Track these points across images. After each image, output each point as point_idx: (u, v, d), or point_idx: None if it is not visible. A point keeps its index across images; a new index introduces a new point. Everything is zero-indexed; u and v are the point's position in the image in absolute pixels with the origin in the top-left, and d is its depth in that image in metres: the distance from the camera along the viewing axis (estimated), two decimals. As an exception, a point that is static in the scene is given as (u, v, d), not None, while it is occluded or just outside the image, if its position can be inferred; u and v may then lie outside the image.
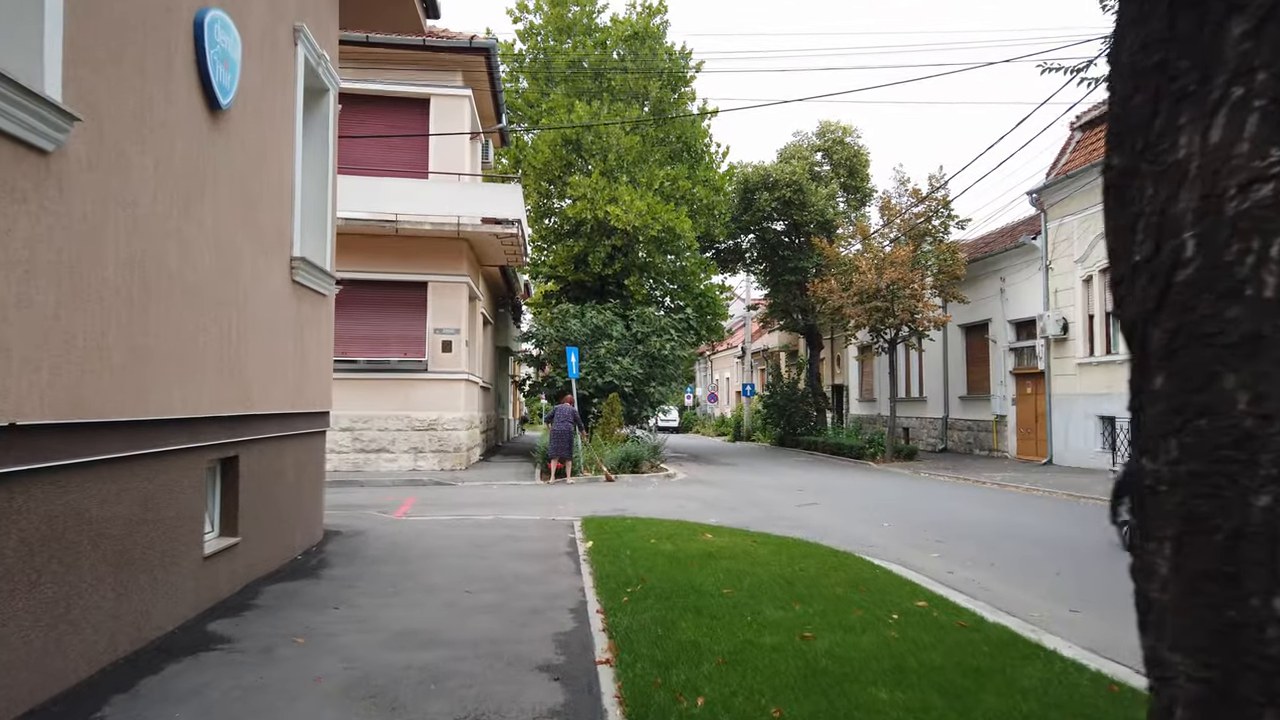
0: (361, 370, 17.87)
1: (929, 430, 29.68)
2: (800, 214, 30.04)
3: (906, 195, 25.66)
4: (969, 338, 27.48)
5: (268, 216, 6.52)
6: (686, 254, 26.51)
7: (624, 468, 18.16)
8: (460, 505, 12.49)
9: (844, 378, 38.17)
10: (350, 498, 13.35)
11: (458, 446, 18.02)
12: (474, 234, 17.71)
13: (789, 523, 10.82)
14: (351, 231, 17.25)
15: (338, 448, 17.54)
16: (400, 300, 18.12)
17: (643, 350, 23.29)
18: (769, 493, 14.93)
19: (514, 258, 20.34)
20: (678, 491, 14.91)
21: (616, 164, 24.91)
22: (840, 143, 32.03)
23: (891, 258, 24.04)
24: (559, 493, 14.63)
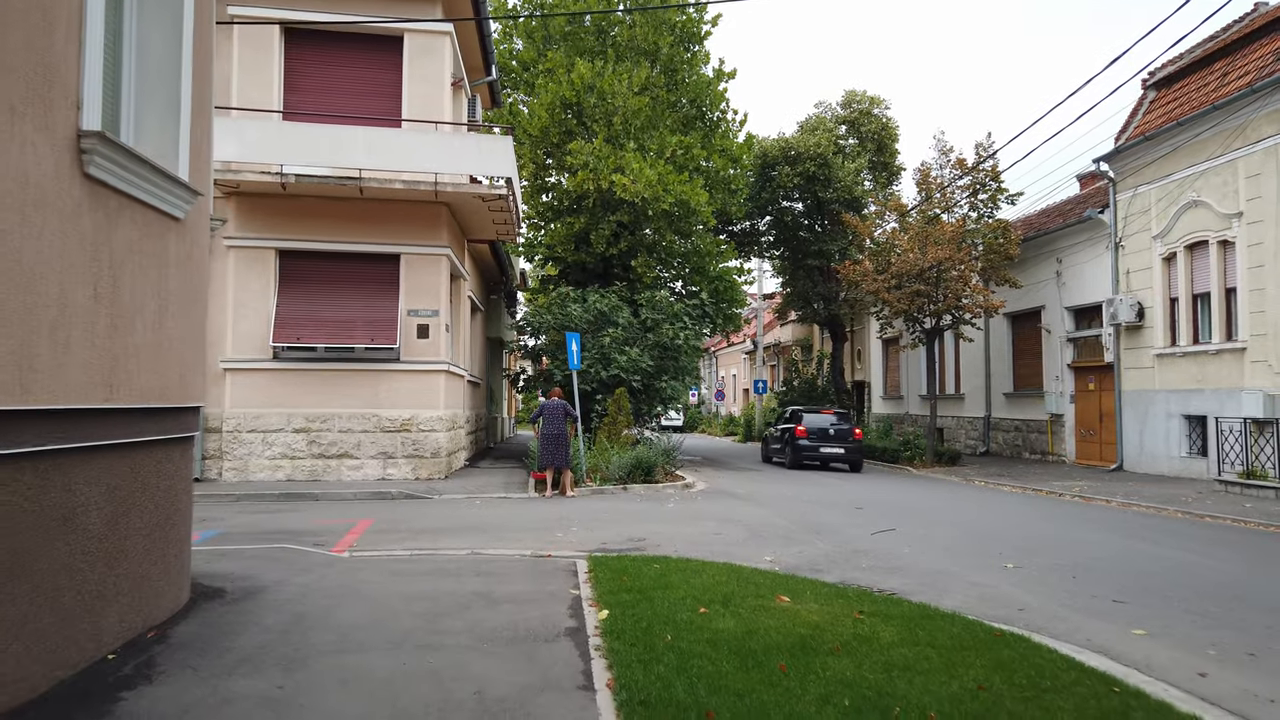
0: (320, 359, 14.91)
1: (968, 431, 26.76)
2: (825, 191, 27.08)
3: (949, 166, 22.70)
4: (1016, 328, 24.54)
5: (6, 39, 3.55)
6: (699, 230, 23.53)
7: (635, 476, 15.20)
8: (428, 531, 9.53)
9: (865, 373, 35.23)
10: (287, 520, 10.38)
11: (436, 451, 15.06)
12: (455, 195, 14.74)
13: (875, 563, 7.88)
14: (307, 193, 14.32)
15: (291, 453, 14.59)
16: (367, 276, 15.16)
17: (653, 339, 20.33)
18: (821, 511, 11.98)
19: (505, 230, 17.37)
20: (707, 510, 11.96)
21: (623, 129, 21.91)
22: (867, 114, 29.10)
23: (937, 233, 21.12)
24: (557, 511, 11.69)
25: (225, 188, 14.22)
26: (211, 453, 14.74)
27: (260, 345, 14.60)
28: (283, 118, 14.54)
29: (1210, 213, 17.07)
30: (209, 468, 14.72)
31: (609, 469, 15.10)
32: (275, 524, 10.08)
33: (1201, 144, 17.20)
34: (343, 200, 14.83)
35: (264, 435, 14.58)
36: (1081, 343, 21.74)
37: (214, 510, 11.53)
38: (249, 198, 14.64)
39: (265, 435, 14.58)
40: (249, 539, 8.81)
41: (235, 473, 14.48)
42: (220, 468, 14.61)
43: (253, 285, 14.67)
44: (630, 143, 21.65)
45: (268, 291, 14.72)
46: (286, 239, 14.76)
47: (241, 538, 8.91)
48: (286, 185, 13.93)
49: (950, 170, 22.73)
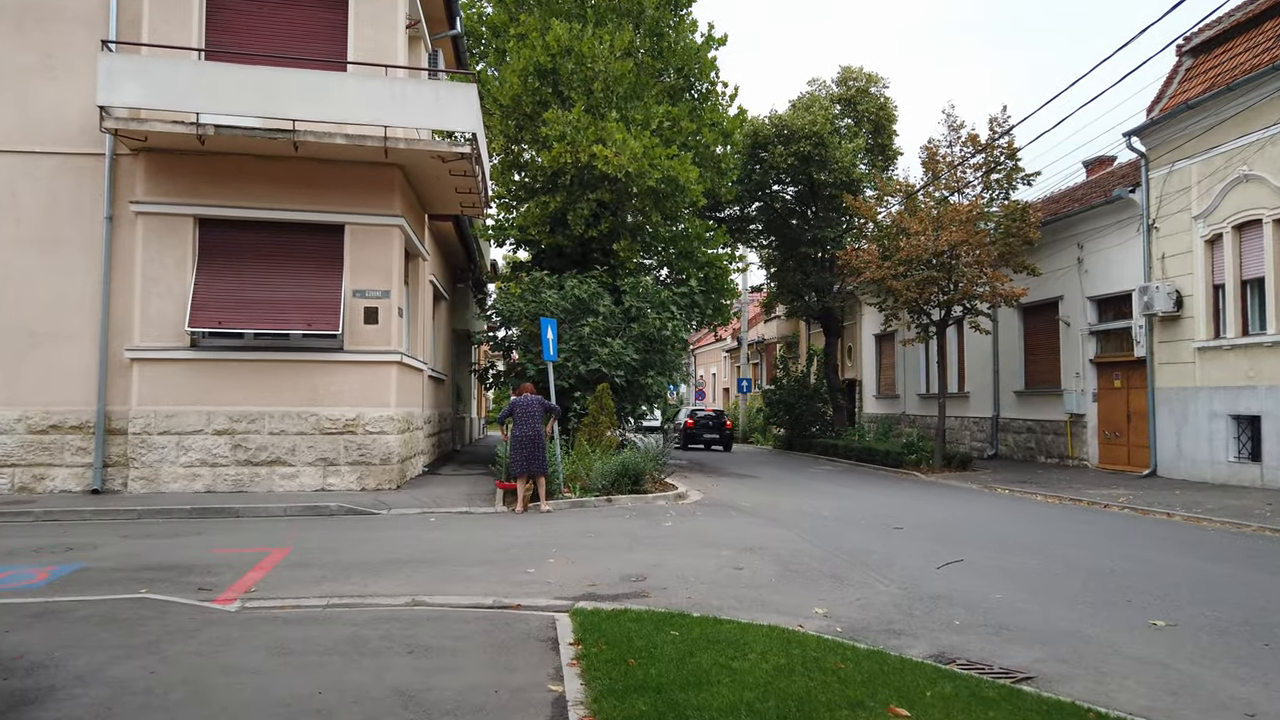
0: (247, 348, 12.56)
1: (973, 432, 24.83)
2: (820, 173, 25.02)
3: (959, 144, 20.73)
4: (1029, 320, 22.62)
5: None
6: (687, 212, 21.36)
7: (621, 485, 13.00)
8: (361, 566, 7.27)
9: (856, 371, 33.26)
10: (181, 548, 8.08)
11: (386, 457, 12.77)
12: (409, 154, 12.46)
13: (970, 617, 5.75)
14: (231, 149, 12.03)
15: (212, 459, 12.24)
16: (305, 250, 12.83)
17: (637, 330, 18.14)
18: (851, 531, 9.83)
19: (471, 202, 15.10)
20: (714, 530, 9.76)
21: (604, 97, 19.70)
22: (864, 92, 27.08)
23: (952, 214, 19.13)
24: (530, 531, 9.47)
25: (131, 141, 11.84)
26: (114, 459, 12.34)
27: (175, 331, 12.24)
28: (203, 57, 12.20)
29: (1266, 188, 15.18)
30: (111, 477, 12.33)
31: (591, 477, 12.90)
32: (162, 554, 7.76)
33: (1255, 111, 15.31)
34: (275, 160, 12.49)
35: (179, 438, 12.21)
36: (1106, 336, 19.85)
37: (97, 534, 9.18)
38: (161, 156, 12.26)
39: (180, 438, 12.21)
40: (111, 580, 6.52)
41: (143, 483, 12.10)
42: (125, 477, 12.22)
43: (166, 259, 12.29)
44: (613, 112, 19.45)
45: (184, 267, 12.35)
46: (207, 205, 12.40)
47: (101, 578, 6.61)
48: (205, 138, 11.58)
49: (961, 148, 20.77)
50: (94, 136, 12.27)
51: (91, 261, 12.35)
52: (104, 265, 12.29)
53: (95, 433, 12.21)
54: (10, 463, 12.09)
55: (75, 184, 12.40)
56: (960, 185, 20.66)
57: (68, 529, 9.67)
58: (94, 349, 12.28)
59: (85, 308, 12.33)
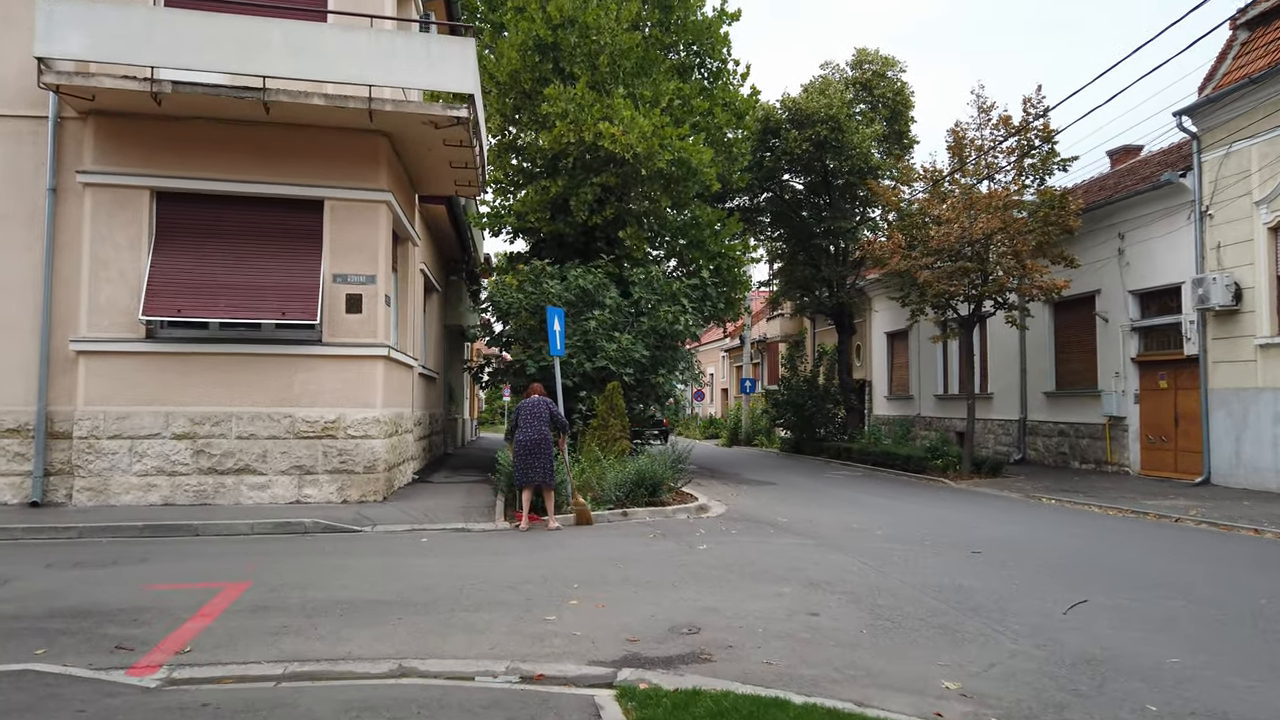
0: (212, 340, 11.00)
1: (998, 435, 23.40)
2: (836, 160, 23.57)
3: (989, 126, 19.28)
4: (1061, 316, 21.23)
5: None
6: (697, 199, 19.86)
7: (637, 497, 11.48)
8: (333, 609, 5.73)
9: (866, 371, 31.81)
10: (111, 583, 6.52)
11: (371, 464, 11.21)
12: (397, 119, 10.91)
13: (1159, 693, 4.24)
14: (193, 111, 10.50)
15: (171, 466, 10.66)
16: (278, 228, 11.27)
17: (647, 324, 16.63)
18: (922, 556, 8.31)
19: (466, 179, 13.56)
20: (760, 557, 8.22)
21: (610, 72, 18.20)
22: (881, 76, 25.63)
23: (986, 200, 17.71)
24: (542, 559, 7.94)
25: (76, 100, 10.26)
26: (57, 467, 10.74)
27: (128, 320, 10.66)
28: (160, 3, 10.64)
29: (1343, 168, 13.79)
30: (53, 487, 10.73)
31: (603, 487, 11.37)
32: (87, 592, 6.20)
33: (1331, 84, 13.92)
34: (244, 125, 10.93)
35: (132, 443, 10.62)
36: (1149, 332, 18.44)
37: (17, 561, 7.60)
38: (113, 119, 10.68)
39: (134, 443, 10.63)
40: (2, 635, 4.96)
41: (90, 494, 10.51)
42: (70, 488, 10.63)
43: (118, 238, 10.71)
44: (619, 88, 17.96)
45: (139, 247, 10.77)
46: (166, 175, 10.82)
47: (-10, 633, 5.05)
48: (161, 96, 10.00)
49: (991, 131, 19.32)
50: (35, 97, 10.68)
51: (32, 240, 10.76)
52: (46, 244, 10.69)
53: (35, 436, 10.62)
54: (-65, 471, 10.49)
55: (13, 151, 10.81)
56: (992, 171, 19.22)
57: (-13, 553, 8.10)
58: (34, 340, 10.68)
59: (24, 293, 10.74)
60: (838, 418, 27.84)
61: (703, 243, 19.96)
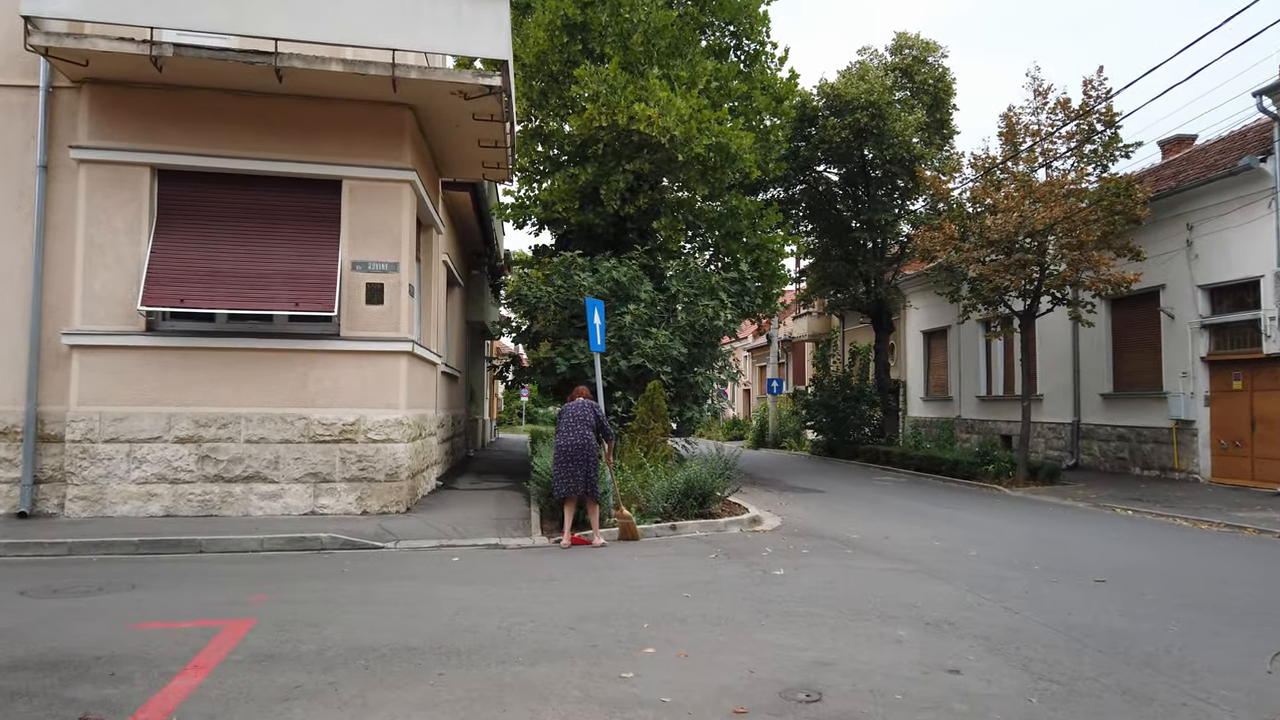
0: (218, 333, 9.96)
1: (1048, 439, 22.14)
2: (878, 148, 22.39)
3: (1046, 110, 18.06)
4: (1119, 313, 19.97)
5: None
6: (732, 189, 18.72)
7: (686, 508, 10.36)
8: (351, 662, 4.64)
9: (900, 371, 30.56)
10: (88, 622, 5.45)
11: (394, 471, 10.13)
12: (423, 88, 9.83)
13: None
14: (198, 80, 9.45)
15: (174, 474, 9.62)
16: (291, 211, 10.22)
17: (684, 319, 15.52)
18: (1039, 585, 7.12)
19: (495, 161, 12.48)
20: (850, 585, 7.04)
21: (644, 52, 17.11)
22: (921, 61, 24.41)
23: (1047, 188, 16.52)
24: (597, 590, 6.83)
25: (69, 65, 9.23)
26: (49, 474, 9.71)
27: (126, 311, 9.63)
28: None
29: None
30: (44, 496, 9.70)
31: (649, 497, 10.26)
32: (61, 631, 5.14)
33: None
34: (254, 96, 9.88)
35: (131, 447, 9.59)
36: (1222, 330, 17.17)
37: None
38: (110, 89, 9.65)
39: (133, 447, 9.59)
40: None
41: (85, 504, 9.48)
42: (63, 496, 9.60)
43: (115, 220, 9.68)
44: (654, 69, 16.85)
45: (138, 230, 9.73)
46: (168, 151, 9.78)
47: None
48: (162, 61, 8.96)
49: (1048, 115, 18.10)
50: (24, 64, 9.67)
51: (20, 222, 9.74)
52: (36, 227, 9.67)
53: (24, 440, 9.60)
54: (-86, 478, 9.48)
55: (1, 124, 9.79)
56: (1050, 158, 18.02)
57: (-42, 575, 7.07)
58: (23, 333, 9.66)
59: (12, 281, 9.72)
60: (873, 420, 26.66)
61: (740, 234, 18.82)
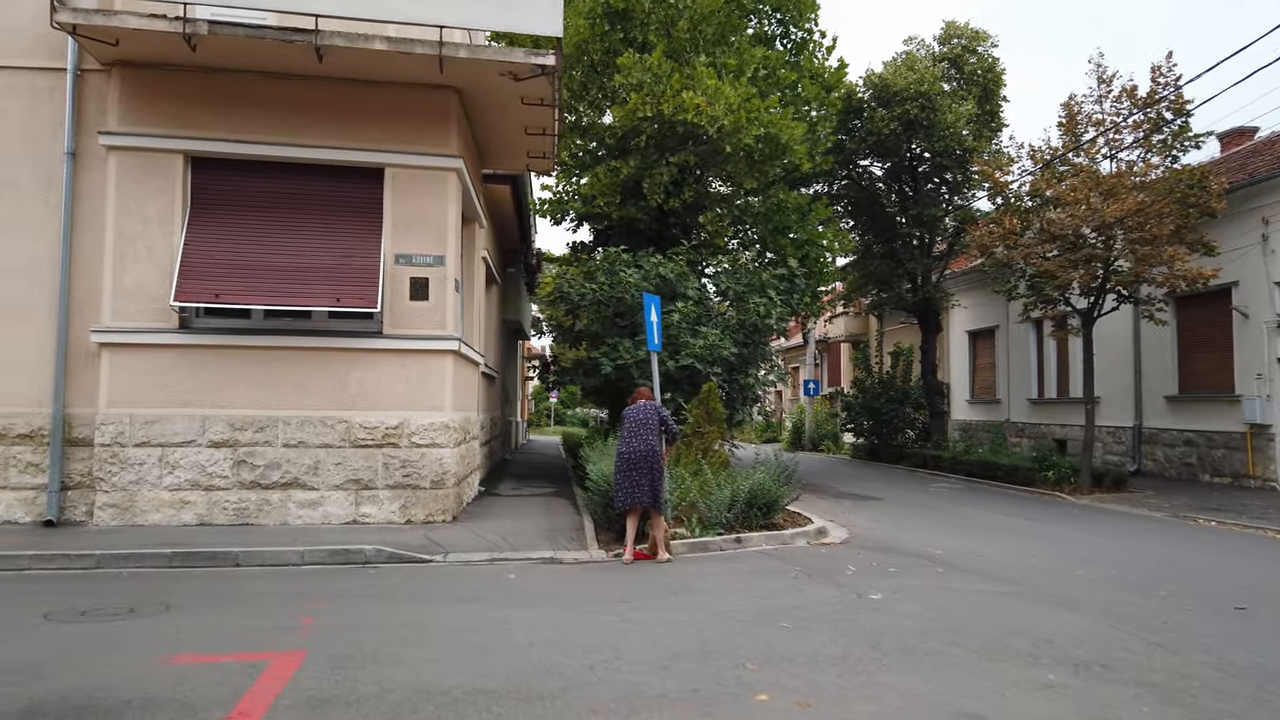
0: (254, 331, 9.37)
1: (1108, 444, 21.18)
2: (927, 141, 21.56)
3: (1110, 99, 17.16)
4: (1186, 311, 19.00)
5: None
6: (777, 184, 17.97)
7: (751, 519, 9.65)
8: (421, 709, 3.98)
9: (944, 372, 29.61)
10: (114, 654, 4.82)
11: (440, 478, 9.50)
12: (471, 68, 9.19)
13: None
14: (233, 61, 8.87)
15: (208, 479, 9.04)
16: (330, 201, 9.62)
17: (735, 318, 14.81)
18: (1171, 612, 6.29)
19: (541, 147, 11.83)
20: (964, 613, 6.23)
21: (689, 39, 16.43)
22: (970, 51, 23.54)
23: (1117, 179, 15.66)
24: (683, 620, 6.13)
25: (98, 45, 8.67)
26: (76, 479, 9.16)
27: (158, 306, 9.07)
28: (193, -67, 9.03)
29: None
30: (71, 503, 9.15)
31: (710, 506, 9.55)
32: (80, 670, 4.51)
33: None
34: (292, 79, 9.30)
35: (163, 451, 9.02)
36: (1302, 329, 16.22)
37: (11, 608, 5.97)
38: (141, 72, 9.10)
39: (165, 451, 9.02)
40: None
41: (114, 512, 8.92)
42: (91, 503, 9.05)
43: (147, 210, 9.12)
44: (700, 56, 16.16)
45: (171, 220, 9.17)
46: (202, 137, 9.21)
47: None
48: (196, 40, 8.38)
49: (1112, 104, 17.20)
50: (51, 45, 9.14)
51: (48, 213, 9.21)
52: (64, 217, 9.13)
53: (50, 443, 9.06)
54: (-64, 483, 8.96)
55: (28, 109, 9.27)
56: (1116, 148, 17.13)
57: (-21, 592, 6.51)
58: (50, 330, 9.12)
59: (39, 274, 9.18)
60: (917, 423, 25.78)
61: (787, 229, 18.07)
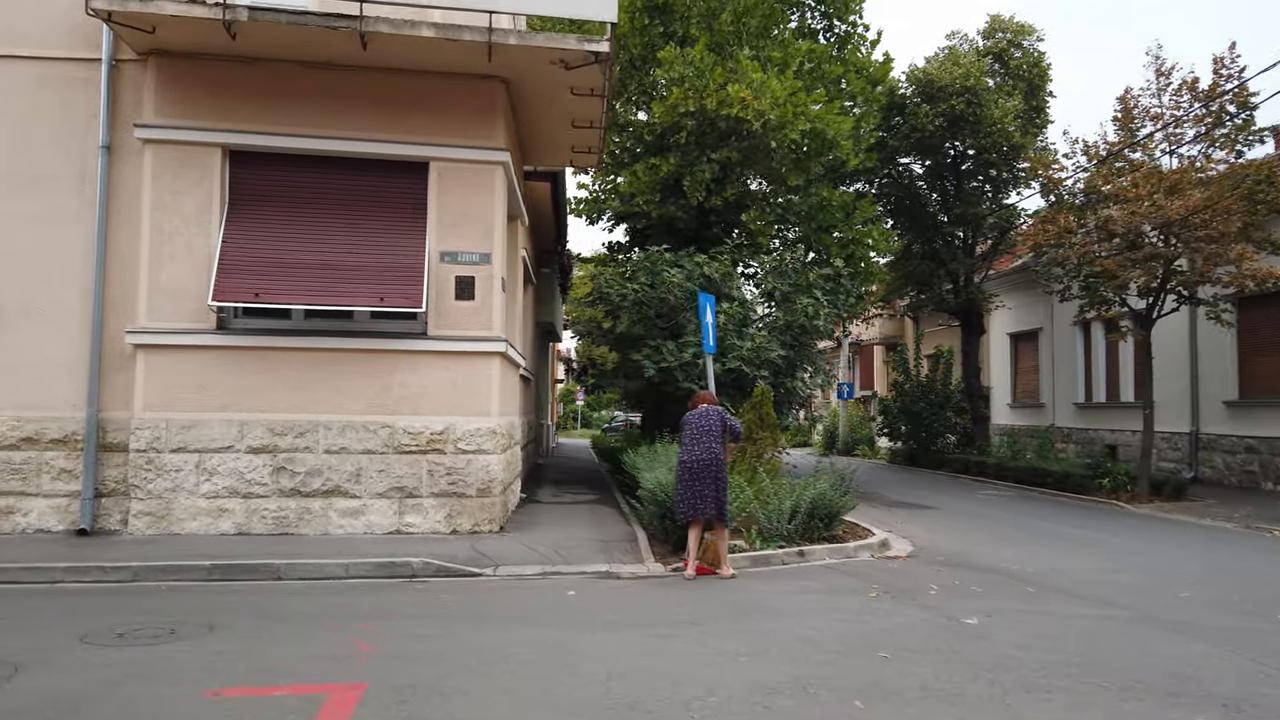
0: (294, 332, 8.98)
1: (1162, 450, 20.37)
2: (974, 137, 20.94)
3: (1170, 92, 16.48)
4: (1247, 312, 18.23)
5: None
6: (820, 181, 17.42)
7: (812, 531, 9.14)
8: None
9: (985, 375, 28.86)
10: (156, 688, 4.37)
11: (486, 486, 9.06)
12: (522, 56, 8.76)
13: None
14: (273, 51, 8.51)
15: (246, 487, 8.65)
16: (373, 196, 9.21)
17: (781, 319, 14.29)
18: None
19: (587, 141, 11.39)
20: (1076, 642, 5.58)
21: (733, 32, 15.94)
22: (1015, 44, 22.89)
23: (1180, 175, 15.01)
24: (769, 647, 5.63)
25: (134, 33, 8.31)
26: (111, 485, 8.80)
27: (195, 306, 8.69)
28: (233, -84, 8.66)
29: None
30: (106, 511, 8.79)
31: (769, 517, 9.04)
32: (118, 705, 4.08)
33: None
34: (334, 70, 8.91)
35: (200, 457, 8.65)
36: (1376, 331, 15.48)
37: (44, 627, 5.58)
38: (178, 61, 8.74)
39: (203, 457, 8.65)
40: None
41: (150, 520, 8.55)
42: (126, 511, 8.68)
43: (183, 205, 8.76)
44: (744, 49, 15.67)
45: (208, 216, 8.80)
46: (241, 130, 8.84)
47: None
48: (235, 27, 8.01)
49: (1171, 97, 16.52)
50: (86, 35, 8.80)
51: (82, 208, 8.87)
52: (99, 213, 8.78)
53: (84, 449, 8.70)
54: (-33, 490, 8.63)
55: (61, 101, 8.93)
56: (1175, 143, 16.46)
57: (6, 608, 6.13)
58: (84, 331, 8.78)
59: (72, 273, 8.84)
60: (958, 427, 25.09)
61: (832, 227, 17.52)
